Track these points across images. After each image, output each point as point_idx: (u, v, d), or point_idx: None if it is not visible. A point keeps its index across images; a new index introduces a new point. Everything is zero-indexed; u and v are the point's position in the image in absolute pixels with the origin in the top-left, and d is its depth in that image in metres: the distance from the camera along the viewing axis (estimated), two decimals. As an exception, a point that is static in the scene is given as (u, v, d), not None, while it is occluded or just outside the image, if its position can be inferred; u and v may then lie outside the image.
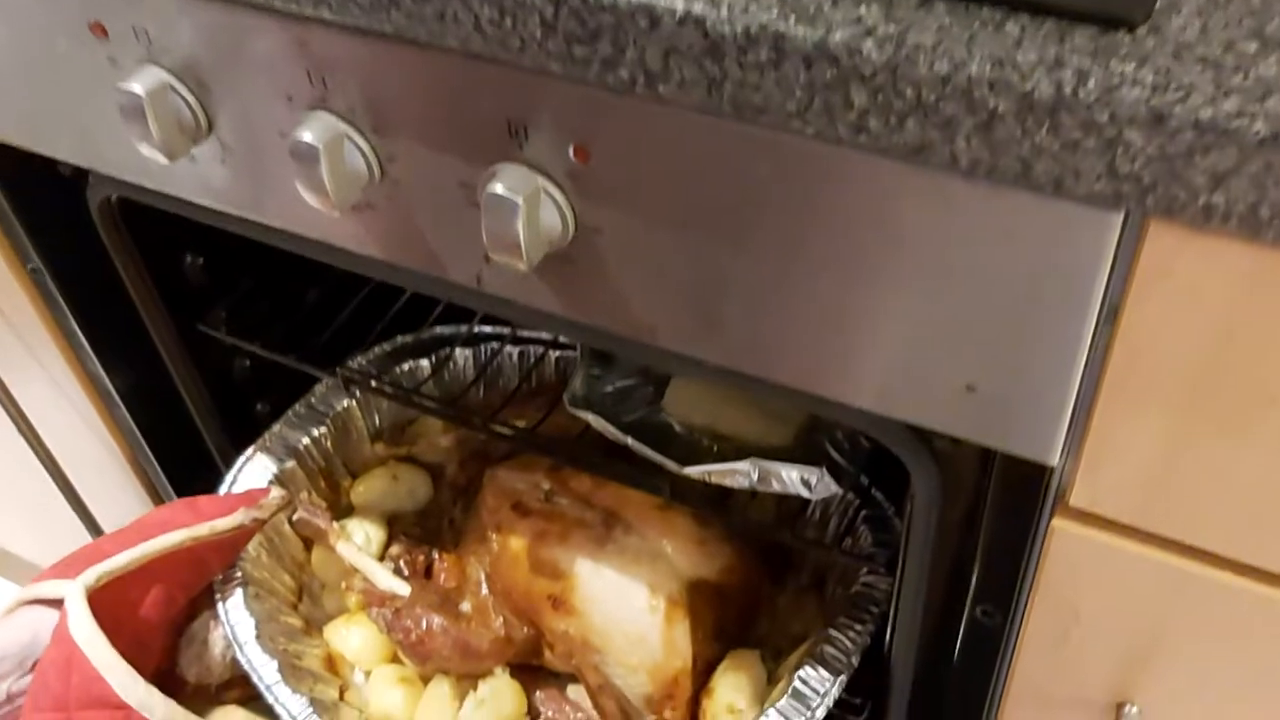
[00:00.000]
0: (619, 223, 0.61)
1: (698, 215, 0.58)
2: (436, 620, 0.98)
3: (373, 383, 1.02)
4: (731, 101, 0.52)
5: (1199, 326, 0.51)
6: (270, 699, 0.92)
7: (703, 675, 0.97)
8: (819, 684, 0.89)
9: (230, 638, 0.96)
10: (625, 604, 0.94)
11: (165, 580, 0.89)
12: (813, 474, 0.82)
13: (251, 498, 1.00)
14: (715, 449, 0.89)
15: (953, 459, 0.68)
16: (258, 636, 0.96)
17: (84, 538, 1.22)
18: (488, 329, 1.16)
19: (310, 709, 0.92)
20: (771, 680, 0.99)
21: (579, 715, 1.00)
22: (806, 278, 0.57)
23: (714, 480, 0.86)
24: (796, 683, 0.90)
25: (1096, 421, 0.56)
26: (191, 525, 0.91)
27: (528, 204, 0.59)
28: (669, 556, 0.96)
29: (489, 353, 1.16)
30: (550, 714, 1.00)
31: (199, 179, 0.75)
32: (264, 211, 0.75)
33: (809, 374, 0.62)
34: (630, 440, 0.87)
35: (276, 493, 1.03)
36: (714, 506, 0.93)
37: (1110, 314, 0.53)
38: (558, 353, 1.15)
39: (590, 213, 0.61)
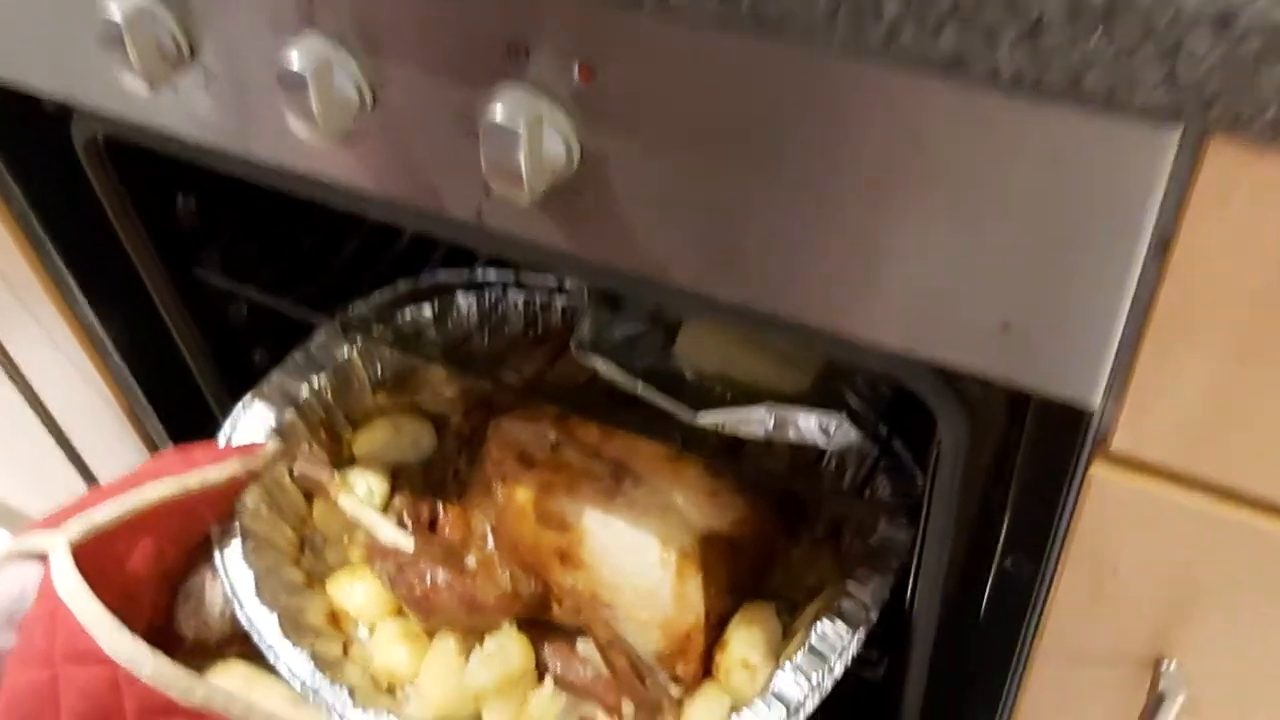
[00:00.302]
0: (627, 150, 0.56)
1: (712, 140, 0.54)
2: (441, 575, 0.95)
3: (372, 330, 0.98)
4: (750, 12, 0.47)
5: (1260, 257, 0.47)
6: (271, 656, 0.90)
7: (715, 629, 0.94)
8: (837, 638, 0.86)
9: (229, 593, 0.93)
10: (635, 558, 0.90)
11: (155, 533, 0.86)
12: (831, 420, 0.78)
13: (246, 449, 0.97)
14: (729, 396, 0.85)
15: (982, 403, 0.64)
16: (258, 591, 0.93)
17: (81, 491, 1.19)
18: (491, 275, 1.12)
19: (312, 665, 0.89)
20: (787, 634, 0.95)
21: (588, 670, 0.97)
22: (831, 206, 0.53)
23: (728, 429, 0.82)
24: (813, 637, 0.86)
25: (1143, 360, 0.52)
26: (183, 476, 0.87)
27: (530, 130, 0.55)
28: (680, 509, 0.92)
29: (492, 299, 1.12)
30: (559, 669, 0.97)
31: (183, 110, 0.71)
32: (251, 143, 0.70)
33: (831, 312, 0.58)
34: (640, 387, 0.83)
35: (272, 443, 0.99)
36: (727, 456, 0.89)
37: (1162, 244, 0.49)
38: (564, 299, 1.11)
39: (596, 139, 0.57)
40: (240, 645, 0.96)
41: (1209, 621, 0.63)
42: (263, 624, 0.91)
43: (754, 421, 0.80)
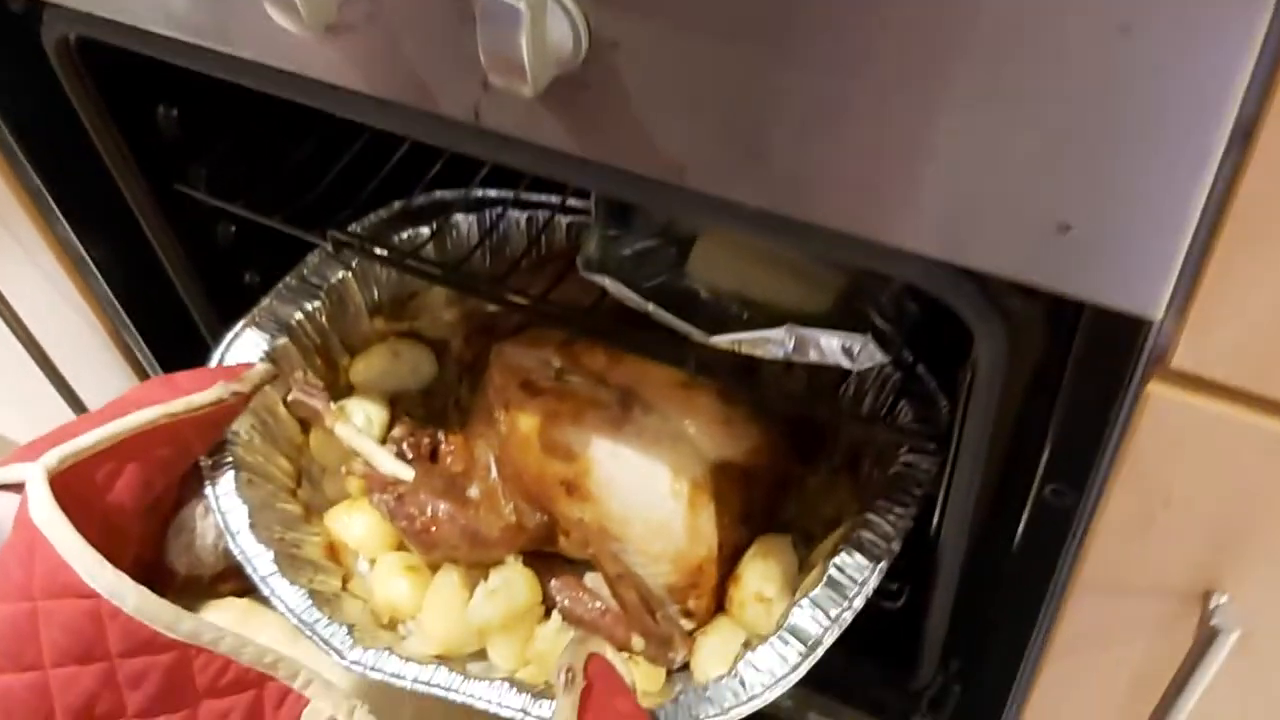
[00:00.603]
0: (641, 34, 0.51)
1: (736, 19, 0.48)
2: (442, 507, 0.90)
3: (367, 247, 0.93)
4: None
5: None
6: (266, 591, 0.86)
7: (729, 562, 0.90)
8: (857, 571, 0.82)
9: (222, 526, 0.89)
10: (645, 489, 0.86)
11: (139, 461, 0.81)
12: (855, 341, 0.73)
13: (232, 372, 0.93)
14: (746, 316, 0.80)
15: (1022, 318, 0.59)
16: (252, 525, 0.89)
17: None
18: (491, 192, 1.06)
19: (309, 601, 0.86)
20: (803, 567, 0.92)
21: (596, 604, 0.93)
22: (868, 91, 0.47)
23: (744, 350, 0.77)
24: (832, 570, 0.82)
25: (1213, 267, 0.47)
26: (167, 402, 0.83)
27: (532, 11, 0.49)
28: (692, 437, 0.88)
29: (493, 218, 1.06)
30: (566, 603, 0.93)
31: (157, 3, 0.65)
32: (230, 39, 0.65)
33: (864, 216, 0.52)
34: (651, 307, 0.78)
35: (260, 365, 0.95)
36: (743, 381, 0.84)
37: (1244, 132, 0.43)
38: (568, 217, 1.06)
39: (607, 22, 0.51)
40: (235, 581, 0.93)
41: (1268, 553, 0.58)
42: (258, 559, 0.87)
43: (773, 343, 0.75)
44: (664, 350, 0.80)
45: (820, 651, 0.79)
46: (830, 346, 0.74)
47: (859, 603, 0.80)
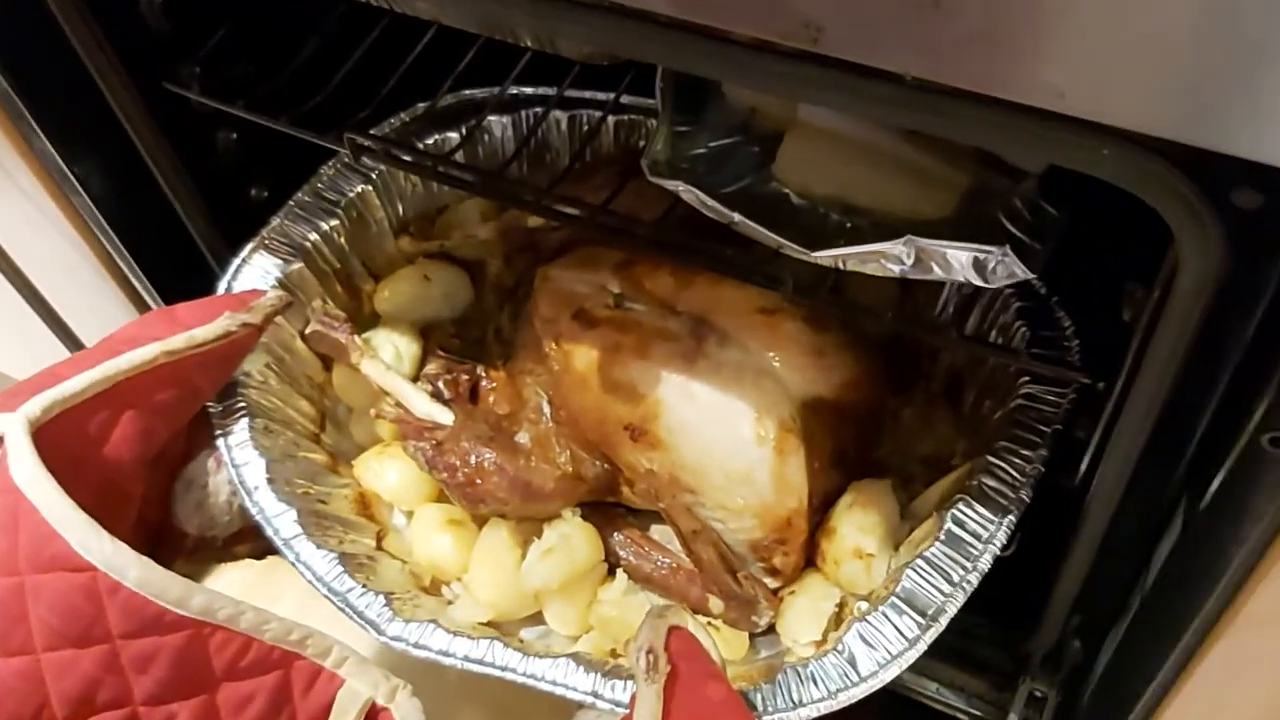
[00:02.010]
0: None
1: None
2: (488, 455, 0.78)
3: (391, 152, 0.79)
4: None
5: None
6: (290, 556, 0.75)
7: (819, 512, 0.79)
8: (981, 525, 0.70)
9: (236, 482, 0.78)
10: (725, 434, 0.74)
11: (137, 408, 0.70)
12: (991, 254, 0.60)
13: (240, 300, 0.80)
14: (849, 225, 0.67)
15: (1245, 225, 0.45)
16: (270, 480, 0.78)
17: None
18: (529, 90, 0.92)
19: (341, 568, 0.75)
20: (904, 515, 0.80)
21: (666, 560, 0.82)
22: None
23: (849, 268, 0.64)
24: (950, 524, 0.71)
25: None
26: (166, 338, 0.71)
27: None
28: (777, 372, 0.75)
29: (531, 120, 0.92)
30: (632, 560, 0.82)
31: None
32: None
33: (1043, 79, 0.39)
34: (737, 217, 0.64)
35: (272, 293, 0.82)
36: (839, 303, 0.71)
37: None
38: (618, 117, 0.92)
39: None
40: (253, 541, 0.82)
41: None
42: (279, 519, 0.76)
43: (888, 258, 0.62)
44: (752, 269, 0.67)
45: (943, 624, 0.67)
46: (959, 261, 0.61)
47: (985, 563, 0.69)
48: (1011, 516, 0.70)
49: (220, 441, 0.79)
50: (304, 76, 0.84)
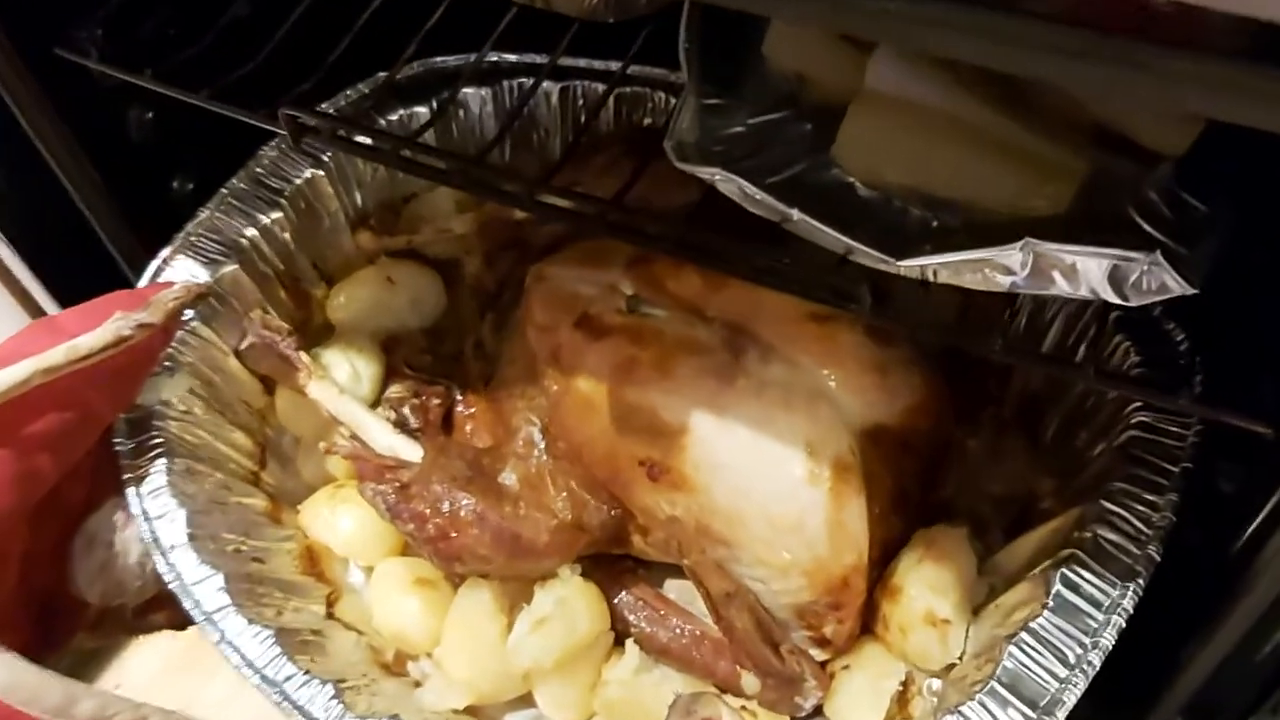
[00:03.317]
0: None
1: None
2: (466, 502, 0.64)
3: (340, 131, 0.63)
4: None
5: None
6: (214, 635, 0.60)
7: (878, 567, 0.65)
8: (1101, 591, 0.56)
9: (150, 539, 0.64)
10: (769, 473, 0.61)
11: (12, 444, 0.57)
12: (1135, 262, 0.45)
13: (136, 297, 0.66)
14: (935, 224, 0.52)
15: None
16: (192, 536, 0.64)
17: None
18: (510, 56, 0.77)
19: (277, 648, 0.60)
20: (982, 571, 0.65)
21: (688, 627, 0.68)
22: None
23: (943, 279, 0.50)
24: (1060, 587, 0.56)
25: None
26: (42, 352, 0.56)
27: None
28: (833, 395, 0.62)
29: (514, 94, 0.78)
30: (644, 626, 0.68)
31: None
32: None
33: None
34: (796, 214, 0.49)
35: (178, 285, 0.68)
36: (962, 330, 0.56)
37: None
38: (621, 89, 0.76)
39: None
40: (174, 607, 0.66)
41: None
42: (199, 586, 0.63)
43: (995, 268, 0.47)
44: (813, 282, 0.51)
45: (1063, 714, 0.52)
46: (1091, 272, 0.46)
47: (1109, 640, 0.55)
48: (1139, 580, 0.56)
49: (130, 489, 0.65)
50: (232, 39, 0.69)
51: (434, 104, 0.77)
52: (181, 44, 0.68)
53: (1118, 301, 0.47)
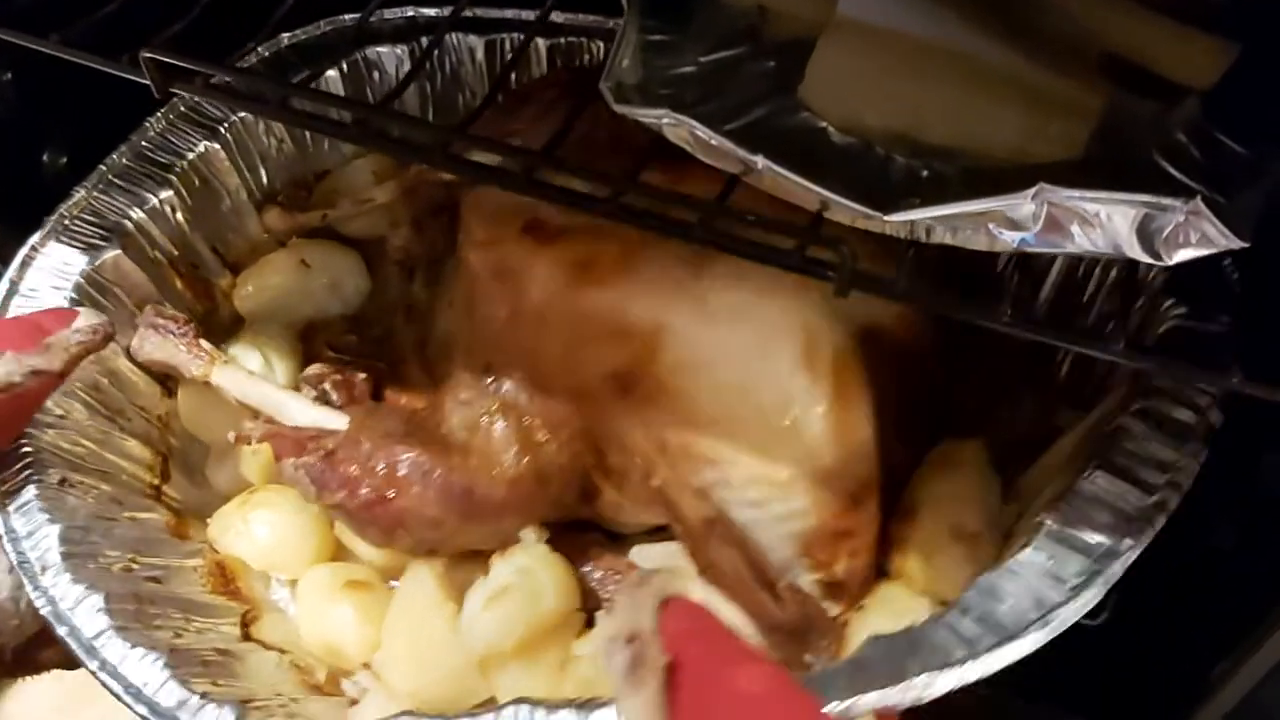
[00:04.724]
0: None
1: None
2: (405, 456, 0.54)
3: (213, 80, 0.52)
4: None
5: None
6: (93, 664, 0.50)
7: (887, 493, 0.55)
8: (1158, 452, 0.47)
9: (17, 561, 0.53)
10: (762, 367, 0.51)
11: None
12: (1171, 210, 0.38)
13: (30, 328, 0.55)
14: (925, 174, 0.44)
15: None
16: (66, 555, 0.53)
17: None
18: (428, 11, 0.71)
19: (167, 672, 0.49)
20: (1007, 499, 0.56)
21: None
22: None
23: (937, 238, 0.42)
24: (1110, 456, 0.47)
25: None
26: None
27: None
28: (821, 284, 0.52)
29: (432, 49, 0.71)
30: (612, 589, 0.57)
31: None
32: None
33: None
34: (761, 161, 0.42)
35: (83, 319, 0.56)
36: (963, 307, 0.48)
37: None
38: (551, 40, 0.71)
39: None
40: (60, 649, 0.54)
41: None
42: (77, 610, 0.51)
43: (1002, 222, 0.40)
44: (782, 249, 0.43)
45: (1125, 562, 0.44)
46: (1116, 224, 0.39)
47: (1172, 499, 0.45)
48: (1198, 443, 0.46)
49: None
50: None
51: (344, 66, 0.70)
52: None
53: (1147, 260, 0.40)
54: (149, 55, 0.50)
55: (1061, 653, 0.44)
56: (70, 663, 0.56)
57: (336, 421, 0.57)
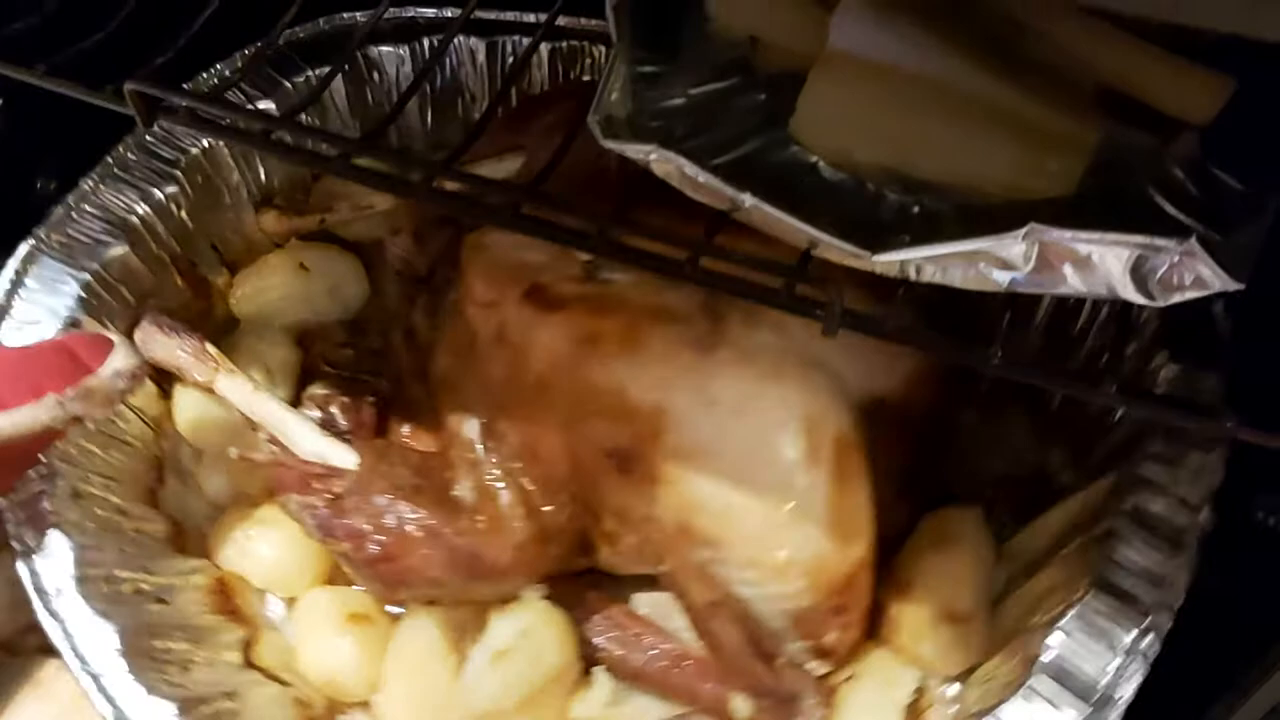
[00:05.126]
0: None
1: None
2: (412, 516, 0.55)
3: (201, 112, 0.50)
4: None
5: None
6: (101, 707, 0.51)
7: (881, 556, 0.56)
8: (1155, 563, 0.49)
9: (35, 588, 0.54)
10: (762, 456, 0.52)
11: None
12: (1165, 250, 0.37)
13: (67, 356, 0.52)
14: (916, 210, 0.44)
15: None
16: (81, 580, 0.54)
17: None
18: (428, 11, 0.70)
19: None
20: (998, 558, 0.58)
21: (666, 649, 0.59)
22: None
23: (927, 277, 0.41)
24: (1106, 568, 0.49)
25: None
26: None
27: None
28: (828, 362, 0.54)
29: (434, 54, 0.69)
30: (614, 649, 0.59)
31: None
32: None
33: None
34: (749, 199, 0.41)
35: (124, 358, 0.53)
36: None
37: None
38: (552, 45, 0.69)
39: None
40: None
41: None
42: (91, 647, 0.52)
43: (993, 261, 0.39)
44: (769, 286, 0.42)
45: (1118, 712, 0.46)
46: (1110, 265, 0.38)
47: (1165, 621, 0.47)
48: (1190, 551, 0.48)
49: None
50: (82, 6, 0.55)
51: (346, 66, 0.68)
52: (20, 11, 0.55)
53: (1141, 301, 0.39)
54: (133, 87, 0.48)
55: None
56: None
57: (344, 458, 0.57)
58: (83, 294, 0.61)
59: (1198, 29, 0.33)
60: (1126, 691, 0.47)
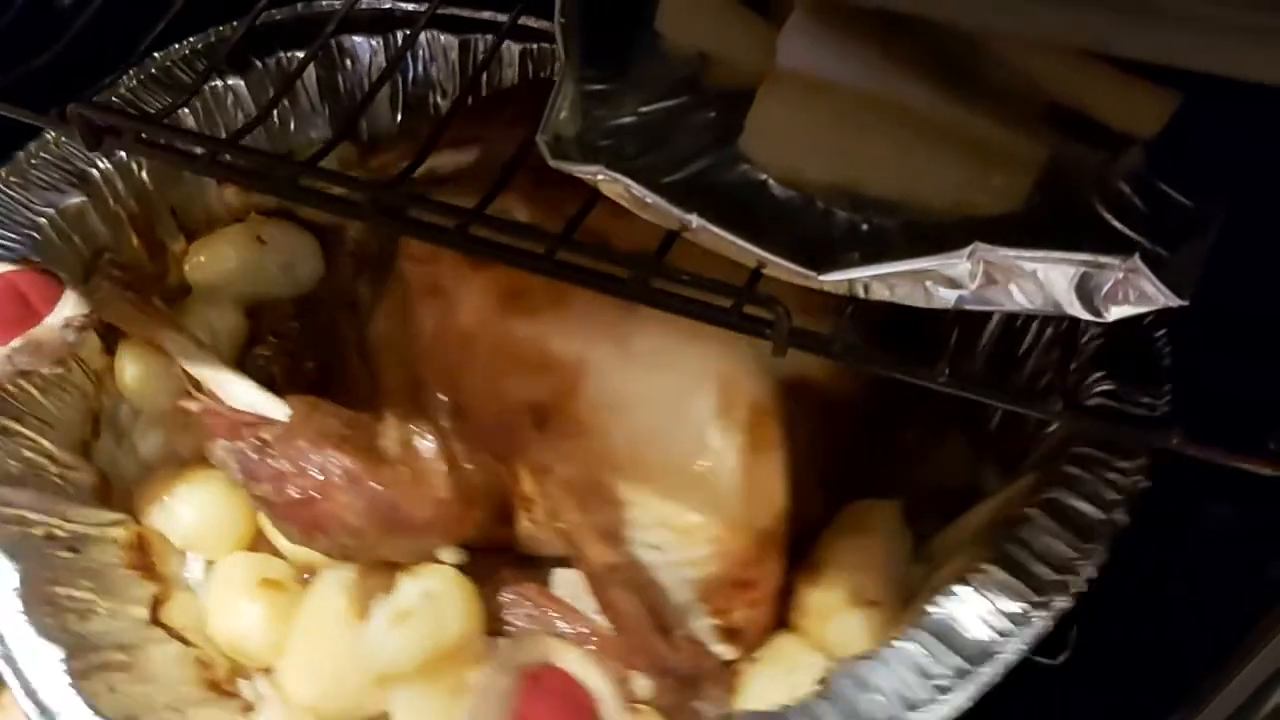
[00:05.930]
0: None
1: None
2: (337, 461, 0.55)
3: (144, 134, 0.50)
4: None
5: None
6: None
7: (792, 545, 0.56)
8: (1055, 552, 0.48)
9: None
10: (677, 413, 0.52)
11: None
12: (1109, 268, 0.38)
13: (14, 294, 0.54)
14: (865, 228, 0.44)
15: None
16: None
17: None
18: (406, 5, 0.72)
19: (64, 669, 0.50)
20: (919, 558, 0.58)
21: (574, 629, 0.58)
22: None
23: (874, 295, 0.42)
24: (1009, 546, 0.49)
25: None
26: None
27: None
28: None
29: (399, 59, 0.71)
30: (522, 624, 0.58)
31: None
32: None
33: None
34: (695, 220, 0.42)
35: (72, 305, 0.54)
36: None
37: None
38: (523, 45, 0.71)
39: None
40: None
41: None
42: None
43: (940, 280, 0.40)
44: (718, 307, 0.43)
45: (992, 671, 0.45)
46: (1055, 282, 0.39)
47: (1062, 603, 0.46)
48: (1100, 544, 0.48)
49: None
50: (27, 27, 0.56)
51: (318, 52, 0.69)
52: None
53: (1087, 317, 0.39)
54: (77, 110, 0.48)
55: (1024, 694, 0.46)
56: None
57: (276, 410, 0.57)
58: (36, 235, 0.62)
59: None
60: (1007, 653, 0.46)
